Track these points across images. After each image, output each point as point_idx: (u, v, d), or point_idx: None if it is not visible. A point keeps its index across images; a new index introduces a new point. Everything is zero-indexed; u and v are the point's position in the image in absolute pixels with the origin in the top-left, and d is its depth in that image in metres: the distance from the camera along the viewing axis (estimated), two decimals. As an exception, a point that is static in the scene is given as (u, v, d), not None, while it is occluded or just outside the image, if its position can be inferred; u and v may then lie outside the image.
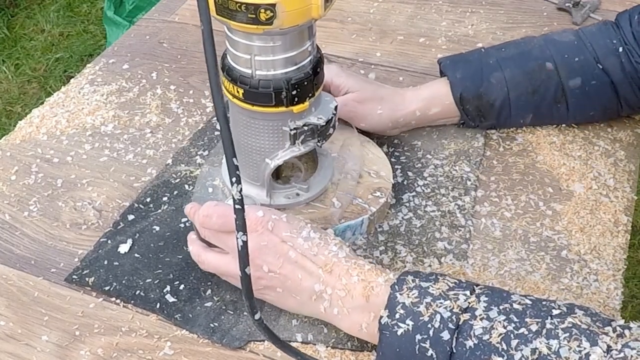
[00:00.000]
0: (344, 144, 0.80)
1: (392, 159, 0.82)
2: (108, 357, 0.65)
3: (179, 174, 0.83)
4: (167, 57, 1.04)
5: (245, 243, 0.52)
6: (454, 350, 0.54)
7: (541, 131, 0.87)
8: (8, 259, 0.75)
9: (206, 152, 0.86)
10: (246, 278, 0.53)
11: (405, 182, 0.81)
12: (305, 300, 0.62)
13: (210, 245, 0.67)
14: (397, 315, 0.56)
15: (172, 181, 0.82)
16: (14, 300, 0.70)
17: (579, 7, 1.09)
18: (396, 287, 0.58)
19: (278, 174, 0.75)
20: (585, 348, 0.51)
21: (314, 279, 0.61)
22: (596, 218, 0.77)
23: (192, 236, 0.69)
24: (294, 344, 0.65)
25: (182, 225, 0.77)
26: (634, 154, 0.85)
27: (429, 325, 0.55)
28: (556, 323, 0.53)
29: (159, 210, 0.79)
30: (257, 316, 0.54)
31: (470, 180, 0.81)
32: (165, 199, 0.80)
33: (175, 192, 0.81)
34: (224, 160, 0.78)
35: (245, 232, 0.52)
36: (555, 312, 0.55)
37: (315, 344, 0.65)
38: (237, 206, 0.52)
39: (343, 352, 0.65)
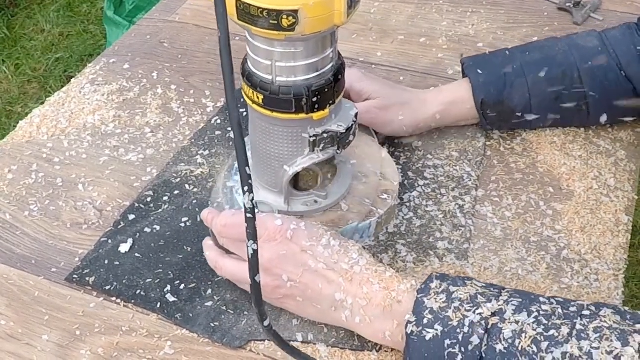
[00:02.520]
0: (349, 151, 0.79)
1: (393, 159, 0.82)
2: (109, 356, 0.65)
3: (180, 173, 0.83)
4: (168, 57, 1.04)
5: (255, 252, 0.52)
6: (484, 355, 0.54)
7: (542, 131, 0.87)
8: (9, 259, 0.75)
9: (207, 152, 0.86)
10: (256, 286, 0.53)
11: (406, 182, 0.81)
12: (326, 309, 0.62)
13: (227, 251, 0.67)
14: (425, 321, 0.56)
15: (173, 181, 0.82)
16: (15, 299, 0.70)
17: (579, 7, 1.09)
18: (423, 292, 0.58)
19: (296, 182, 0.75)
20: (616, 348, 0.51)
21: (335, 288, 0.61)
22: (597, 218, 0.77)
23: (208, 242, 0.69)
24: (294, 344, 0.65)
25: (182, 225, 0.77)
26: (635, 153, 0.85)
27: (458, 330, 0.55)
28: (586, 324, 0.53)
29: (160, 210, 0.79)
30: (266, 323, 0.54)
31: (470, 180, 0.81)
32: (165, 198, 0.80)
33: (176, 192, 0.81)
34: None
35: (256, 241, 0.52)
36: (584, 312, 0.55)
37: (315, 344, 0.65)
38: (248, 215, 0.51)
39: (343, 351, 0.65)
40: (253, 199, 0.51)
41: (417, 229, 0.76)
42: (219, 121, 0.91)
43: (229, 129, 0.90)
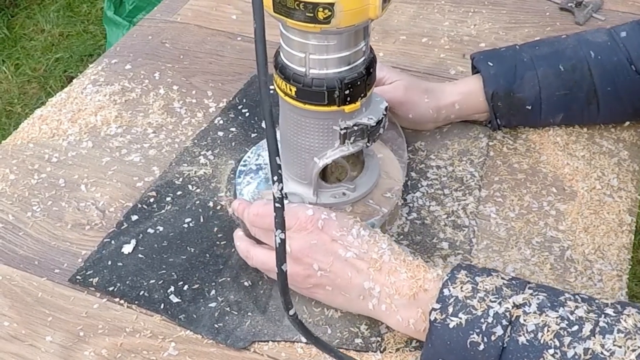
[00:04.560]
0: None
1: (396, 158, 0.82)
2: (112, 357, 0.65)
3: (183, 174, 0.83)
4: (170, 58, 1.04)
5: (283, 241, 0.52)
6: (506, 346, 0.54)
7: (545, 131, 0.87)
8: (11, 260, 0.74)
9: (209, 153, 0.86)
10: (282, 274, 0.53)
11: (409, 183, 0.81)
12: (354, 297, 0.63)
13: (258, 242, 0.68)
14: (450, 309, 0.57)
15: (176, 181, 0.82)
16: (18, 300, 0.70)
17: (581, 7, 1.09)
18: (449, 281, 0.59)
19: (324, 174, 0.75)
20: (639, 347, 0.51)
21: (364, 277, 0.62)
22: (600, 218, 0.76)
23: (239, 233, 0.70)
24: (298, 345, 0.65)
25: (185, 225, 0.76)
26: (638, 153, 0.85)
27: (482, 320, 0.55)
28: (610, 322, 0.53)
29: (163, 211, 0.78)
30: (291, 312, 0.54)
31: (474, 180, 0.81)
32: (168, 199, 0.80)
33: (179, 193, 0.81)
34: (263, 152, 0.79)
35: (283, 230, 0.52)
36: (608, 310, 0.55)
37: (320, 345, 0.65)
38: (277, 204, 0.52)
39: (347, 352, 0.65)
40: (282, 188, 0.51)
41: (421, 229, 0.76)
42: (221, 122, 0.91)
43: (232, 129, 0.90)
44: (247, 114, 0.92)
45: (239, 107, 0.93)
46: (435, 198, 0.79)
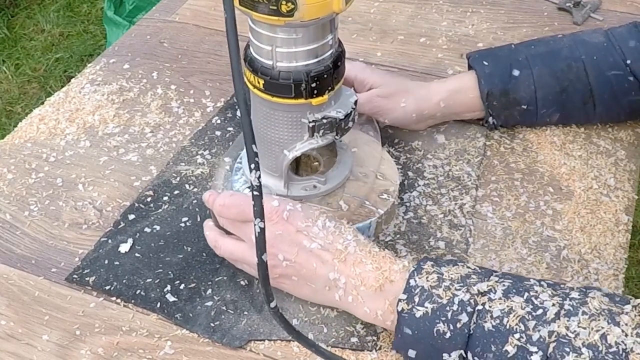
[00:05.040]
0: (349, 144, 0.80)
1: (393, 159, 0.82)
2: (108, 356, 0.65)
3: (180, 173, 0.83)
4: (168, 57, 1.04)
5: (262, 230, 0.52)
6: (472, 332, 0.55)
7: (542, 131, 0.87)
8: (9, 259, 0.75)
9: (207, 152, 0.86)
10: (263, 265, 0.53)
11: (405, 182, 0.81)
12: (320, 288, 0.63)
13: (227, 232, 0.68)
14: (416, 299, 0.57)
15: (173, 181, 0.82)
16: (15, 299, 0.70)
17: (579, 7, 1.09)
18: (415, 272, 0.59)
19: (297, 167, 0.76)
20: (603, 327, 0.52)
21: (329, 268, 0.62)
22: (597, 217, 0.77)
23: (209, 223, 0.70)
24: (294, 344, 0.65)
25: (182, 224, 0.77)
26: (635, 153, 0.85)
27: (447, 308, 0.56)
28: (575, 304, 0.54)
29: (160, 210, 0.78)
30: (272, 304, 0.54)
31: (470, 179, 0.81)
32: (165, 198, 0.80)
33: (176, 192, 0.81)
34: (243, 150, 0.79)
35: (262, 219, 0.52)
36: (573, 294, 0.55)
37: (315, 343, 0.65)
38: (255, 193, 0.52)
39: (343, 351, 0.65)
40: (260, 176, 0.52)
41: (417, 228, 0.76)
42: (218, 121, 0.91)
43: (229, 129, 0.90)
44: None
45: (237, 106, 0.94)
46: (432, 197, 0.79)
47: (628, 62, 0.80)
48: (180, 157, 0.86)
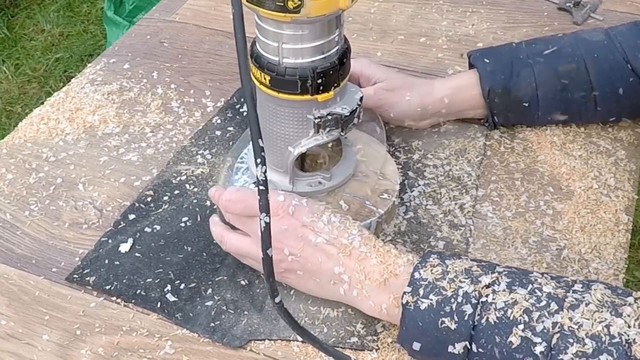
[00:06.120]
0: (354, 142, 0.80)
1: (393, 159, 0.82)
2: (109, 356, 0.65)
3: (180, 173, 0.83)
4: (168, 57, 1.04)
5: (268, 224, 0.52)
6: (476, 324, 0.55)
7: (542, 131, 0.87)
8: (9, 259, 0.75)
9: (207, 152, 0.86)
10: (268, 259, 0.53)
11: (406, 182, 0.81)
12: (325, 282, 0.64)
13: (233, 228, 0.68)
14: (421, 291, 0.57)
15: (173, 180, 0.82)
16: (15, 299, 0.70)
17: (579, 7, 1.09)
18: (419, 265, 0.59)
19: (302, 163, 0.76)
20: (606, 319, 0.52)
21: (334, 262, 0.62)
22: (597, 217, 0.77)
23: (214, 218, 0.71)
24: (294, 343, 0.65)
25: (182, 224, 0.77)
26: (635, 153, 0.85)
27: (452, 300, 0.56)
28: (578, 297, 0.54)
29: (160, 210, 0.79)
30: (277, 299, 0.54)
31: (470, 179, 0.81)
32: (166, 198, 0.80)
33: (176, 192, 0.81)
34: (249, 146, 0.79)
35: (268, 214, 0.52)
36: (576, 286, 0.56)
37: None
38: (261, 187, 0.52)
39: (343, 351, 0.65)
40: (265, 171, 0.52)
41: (417, 228, 0.76)
42: (219, 121, 0.91)
43: (230, 128, 0.90)
44: (245, 114, 0.92)
45: (237, 106, 0.94)
46: (432, 197, 0.79)
47: (629, 59, 0.81)
48: (181, 157, 0.86)
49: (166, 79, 1.00)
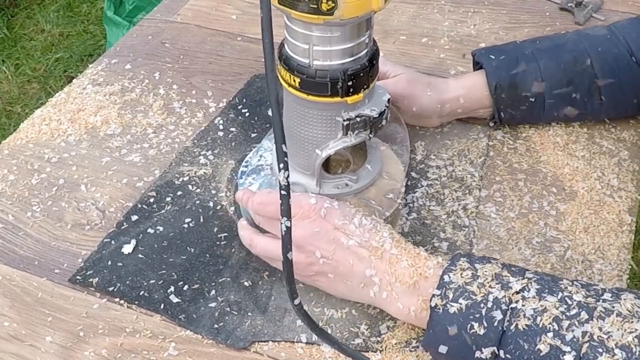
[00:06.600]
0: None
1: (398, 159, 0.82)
2: (112, 357, 0.65)
3: (183, 174, 0.83)
4: (170, 58, 1.04)
5: (288, 229, 0.53)
6: (505, 330, 0.55)
7: (545, 131, 0.87)
8: (11, 260, 0.74)
9: (209, 153, 0.86)
10: (288, 263, 0.54)
11: (409, 183, 0.81)
12: (355, 285, 0.64)
13: (262, 231, 0.69)
14: (450, 295, 0.57)
15: (176, 181, 0.82)
16: (18, 301, 0.70)
17: (581, 7, 1.09)
18: (449, 268, 0.59)
19: (327, 165, 0.76)
20: (636, 329, 0.52)
21: (365, 265, 0.62)
22: (600, 218, 0.76)
23: (242, 222, 0.71)
24: (298, 345, 0.65)
25: (185, 225, 0.76)
26: (638, 153, 0.85)
27: (482, 305, 0.56)
28: (607, 306, 0.54)
29: (163, 211, 0.78)
30: (296, 301, 0.55)
31: (474, 180, 0.81)
32: (168, 199, 0.80)
33: (179, 193, 0.81)
34: (273, 148, 0.78)
35: (289, 218, 0.53)
36: (606, 295, 0.56)
37: (320, 344, 0.65)
38: (282, 192, 0.52)
39: (348, 352, 0.65)
40: (288, 176, 0.52)
41: (421, 229, 0.76)
42: (221, 122, 0.91)
43: (232, 129, 0.90)
44: (247, 114, 0.92)
45: (239, 107, 0.93)
46: (435, 198, 0.79)
47: (633, 52, 0.81)
48: (183, 158, 0.86)
49: (168, 79, 1.00)
